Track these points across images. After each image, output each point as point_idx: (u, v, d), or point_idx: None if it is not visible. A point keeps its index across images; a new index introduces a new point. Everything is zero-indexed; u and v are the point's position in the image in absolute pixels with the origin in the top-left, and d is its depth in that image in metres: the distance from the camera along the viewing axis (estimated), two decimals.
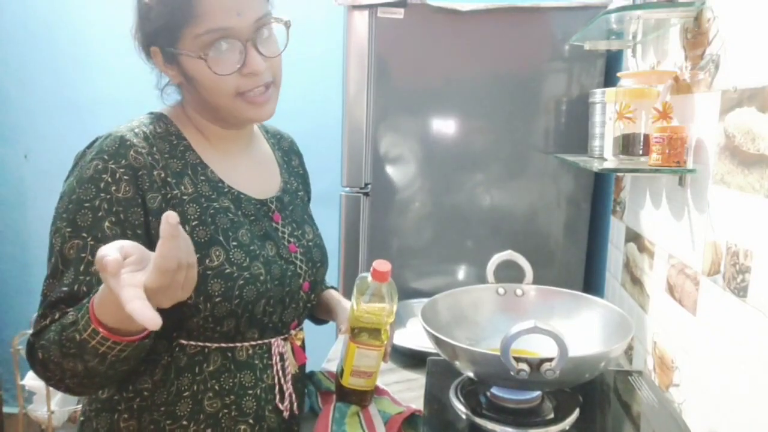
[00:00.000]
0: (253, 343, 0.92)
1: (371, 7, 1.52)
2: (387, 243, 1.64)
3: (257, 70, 0.85)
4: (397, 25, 1.53)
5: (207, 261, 0.85)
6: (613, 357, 0.85)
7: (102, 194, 0.81)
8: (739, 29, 0.89)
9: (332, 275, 1.68)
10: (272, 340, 0.95)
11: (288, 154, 1.13)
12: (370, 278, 0.94)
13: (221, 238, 0.87)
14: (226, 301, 0.86)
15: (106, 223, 0.80)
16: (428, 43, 1.55)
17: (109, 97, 2.33)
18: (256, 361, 0.93)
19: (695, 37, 1.03)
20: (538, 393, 0.92)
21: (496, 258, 1.09)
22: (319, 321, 1.21)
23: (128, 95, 2.16)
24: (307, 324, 1.24)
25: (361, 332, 0.95)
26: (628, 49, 1.44)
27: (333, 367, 1.22)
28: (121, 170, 0.82)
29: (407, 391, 1.14)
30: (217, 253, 0.86)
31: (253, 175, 1.00)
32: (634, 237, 1.34)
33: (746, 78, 0.85)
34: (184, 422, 0.87)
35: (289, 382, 0.96)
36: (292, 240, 0.99)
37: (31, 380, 2.20)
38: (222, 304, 0.86)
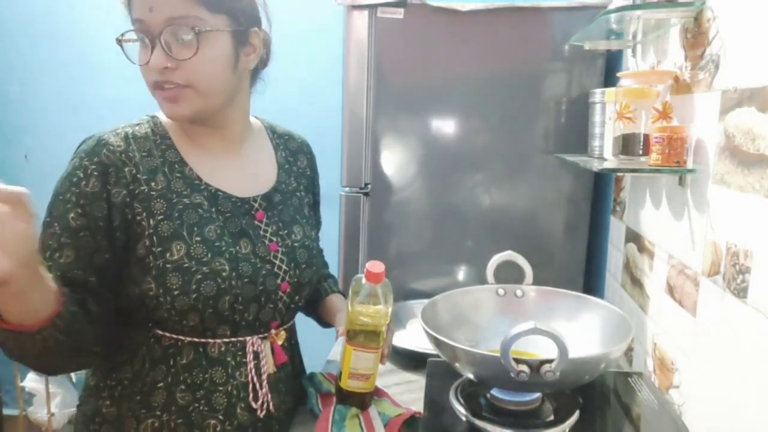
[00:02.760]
0: (225, 340, 0.93)
1: (371, 7, 1.52)
2: (387, 243, 1.64)
3: (153, 66, 0.87)
4: (397, 25, 1.53)
5: (168, 255, 0.88)
6: (613, 358, 0.85)
7: (73, 188, 0.86)
8: (739, 29, 0.88)
9: None
10: (247, 339, 0.95)
11: (295, 154, 1.13)
12: (364, 280, 0.94)
13: (185, 232, 0.89)
14: (183, 295, 0.87)
15: (72, 215, 0.85)
16: (428, 43, 1.55)
17: (110, 97, 2.33)
18: (229, 359, 0.94)
19: (695, 37, 1.03)
20: (537, 395, 0.92)
21: (496, 258, 1.08)
22: (325, 324, 1.21)
23: (128, 95, 2.16)
24: (307, 325, 1.25)
25: (357, 334, 0.94)
26: (628, 49, 1.43)
27: (334, 368, 1.22)
28: (93, 167, 0.87)
29: (407, 392, 1.14)
30: (178, 247, 0.88)
31: (240, 173, 1.00)
32: (634, 237, 1.34)
33: (746, 78, 0.84)
34: (158, 412, 0.91)
35: (264, 381, 0.96)
36: (274, 239, 0.99)
37: (31, 382, 2.20)
38: (180, 298, 0.87)
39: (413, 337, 1.38)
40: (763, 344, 0.77)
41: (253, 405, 0.95)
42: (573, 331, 0.95)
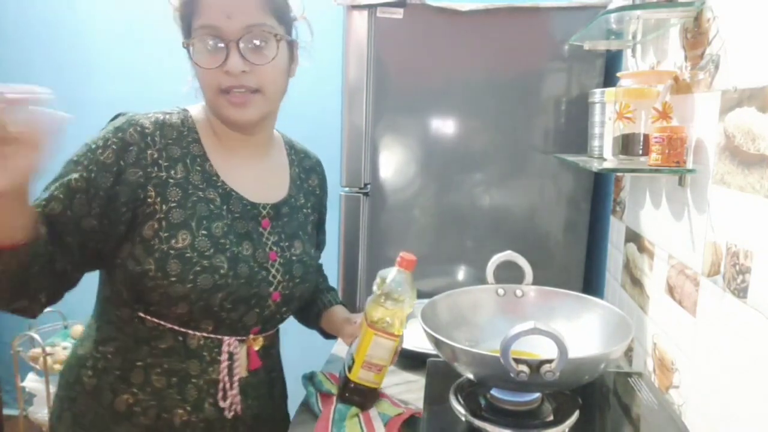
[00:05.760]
0: (206, 334, 0.96)
1: (370, 7, 1.52)
2: (386, 243, 1.64)
3: (233, 69, 0.90)
4: (397, 25, 1.53)
5: (173, 241, 0.90)
6: (612, 358, 0.85)
7: (88, 153, 0.89)
8: (739, 29, 0.88)
9: (332, 275, 1.68)
10: (225, 338, 0.97)
11: (308, 172, 1.16)
12: (396, 267, 0.99)
13: (193, 224, 0.92)
14: (180, 283, 0.90)
15: (75, 175, 0.87)
16: (428, 43, 1.55)
17: (110, 98, 2.32)
18: (205, 353, 0.96)
19: (695, 37, 1.03)
20: (537, 395, 0.92)
21: (496, 258, 1.08)
22: (327, 335, 1.23)
23: (128, 95, 2.16)
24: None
25: (379, 320, 0.97)
26: (627, 49, 1.43)
27: (333, 368, 1.21)
28: (114, 140, 0.90)
29: (407, 392, 1.14)
30: (184, 236, 0.91)
31: (256, 179, 1.03)
32: (633, 237, 1.34)
33: (746, 78, 0.84)
34: (135, 390, 0.95)
35: (235, 383, 0.98)
36: (275, 248, 1.02)
37: (32, 382, 2.21)
38: (177, 285, 0.90)
39: (413, 337, 1.38)
40: (763, 344, 0.77)
41: (221, 404, 0.97)
42: (573, 331, 0.95)
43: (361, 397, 1.00)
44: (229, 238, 0.95)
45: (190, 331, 0.95)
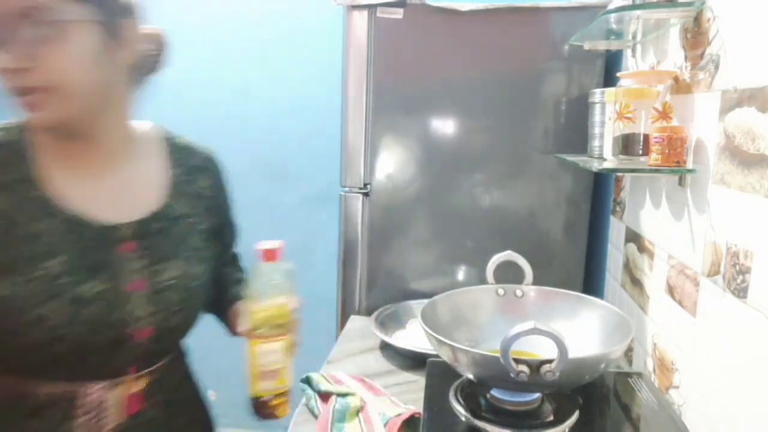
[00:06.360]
0: (55, 385, 0.79)
1: (370, 7, 1.52)
2: (386, 243, 1.64)
3: (4, 67, 0.73)
4: (397, 25, 1.53)
5: None
6: (612, 358, 0.85)
7: None
8: (739, 29, 0.88)
9: (332, 275, 1.68)
10: (86, 385, 0.80)
11: (193, 172, 0.96)
12: (259, 263, 0.86)
13: (19, 266, 0.76)
14: (9, 336, 0.75)
15: None
16: (428, 44, 1.55)
17: None
18: (55, 409, 0.79)
19: (695, 37, 1.03)
20: (537, 395, 0.92)
21: (496, 258, 1.08)
22: (235, 333, 1.02)
23: None
24: (307, 325, 1.24)
25: (260, 327, 0.86)
26: (627, 49, 1.43)
27: (333, 369, 1.22)
28: None
29: (407, 393, 1.14)
30: (9, 283, 0.75)
31: (111, 195, 0.86)
32: (633, 237, 1.34)
33: (746, 78, 0.84)
34: None
35: None
36: (140, 276, 0.83)
37: None
38: (6, 339, 0.75)
39: (413, 337, 1.38)
40: (763, 344, 0.77)
41: None
42: (573, 331, 0.95)
43: (272, 408, 0.89)
44: (72, 276, 0.77)
45: (35, 383, 0.77)
